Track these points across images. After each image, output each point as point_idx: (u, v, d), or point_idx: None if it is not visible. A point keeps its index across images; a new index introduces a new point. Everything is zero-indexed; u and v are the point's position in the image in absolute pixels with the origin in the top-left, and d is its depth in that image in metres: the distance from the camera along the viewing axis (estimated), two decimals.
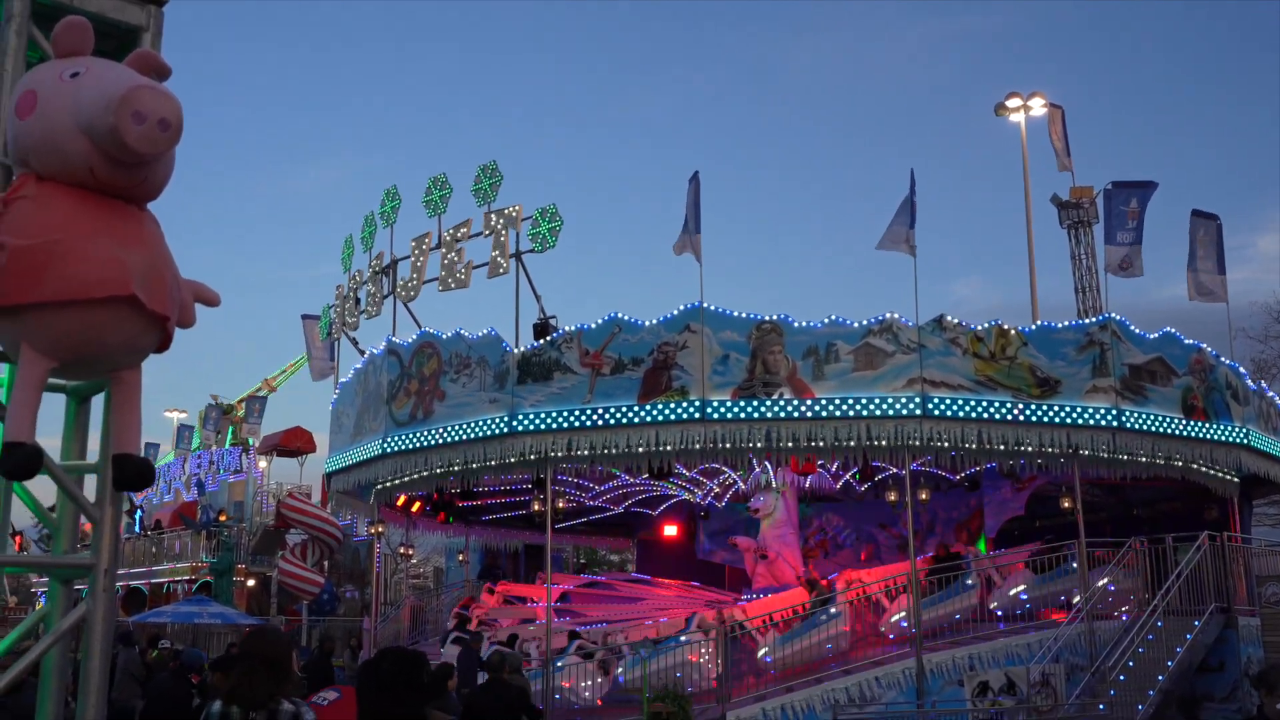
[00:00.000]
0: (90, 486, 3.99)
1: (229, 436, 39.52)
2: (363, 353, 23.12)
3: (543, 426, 18.32)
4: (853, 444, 17.07)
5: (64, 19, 3.73)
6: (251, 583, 30.15)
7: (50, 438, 4.29)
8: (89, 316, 3.52)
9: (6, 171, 3.82)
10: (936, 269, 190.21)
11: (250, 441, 37.41)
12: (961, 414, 16.83)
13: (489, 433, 18.78)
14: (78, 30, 3.74)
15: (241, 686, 4.99)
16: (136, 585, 33.36)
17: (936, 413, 16.78)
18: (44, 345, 3.55)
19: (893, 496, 20.03)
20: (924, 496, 19.73)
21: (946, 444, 16.96)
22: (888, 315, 17.23)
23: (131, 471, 3.71)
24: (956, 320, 17.44)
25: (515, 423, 18.56)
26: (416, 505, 25.08)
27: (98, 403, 4.13)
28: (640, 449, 17.90)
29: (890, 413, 16.86)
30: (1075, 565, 17.58)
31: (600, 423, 17.95)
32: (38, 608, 3.81)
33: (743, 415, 17.36)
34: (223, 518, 33.11)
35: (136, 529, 37.69)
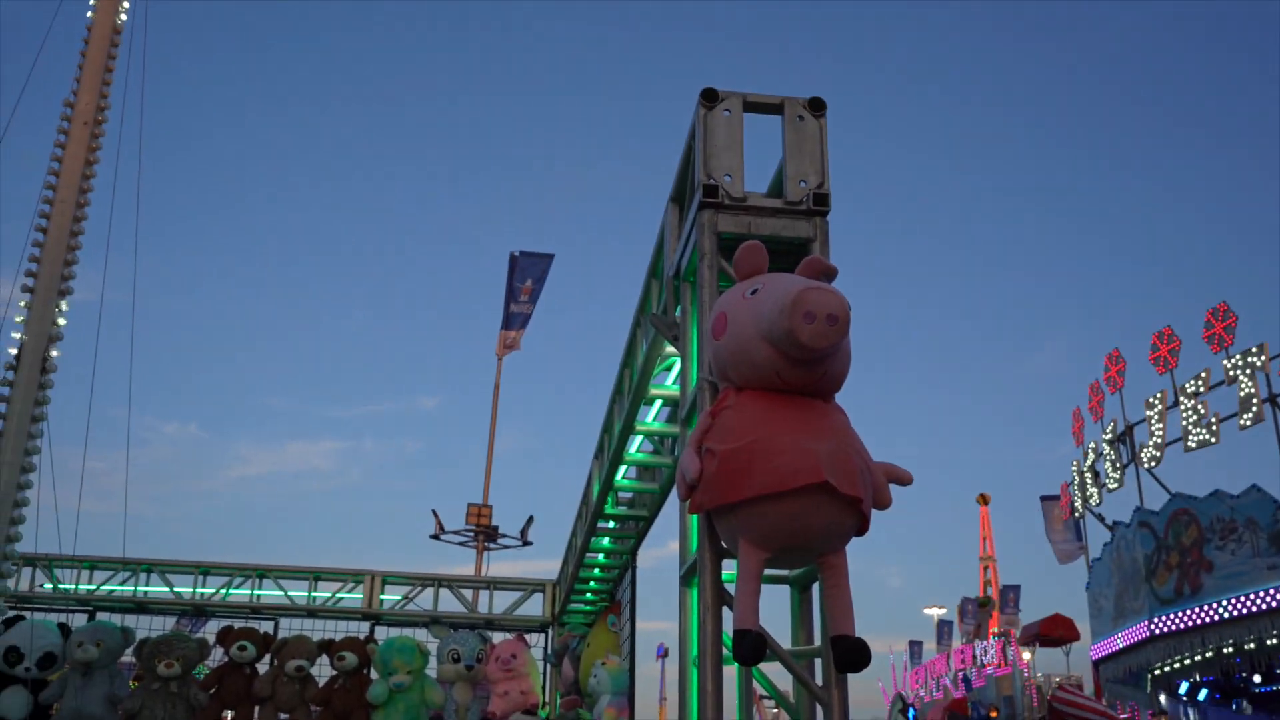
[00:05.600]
0: (819, 670, 4.19)
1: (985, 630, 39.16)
2: (1111, 528, 21.88)
3: None
4: None
5: (742, 245, 4.22)
6: None
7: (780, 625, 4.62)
8: (790, 506, 3.78)
9: (713, 388, 4.33)
10: None
11: (1011, 633, 36.71)
12: None
13: (1274, 604, 16.53)
14: (754, 252, 4.21)
15: None
16: None
17: None
18: (756, 537, 3.88)
19: None
20: None
21: None
22: None
23: (846, 650, 3.83)
24: None
25: None
26: (1204, 692, 22.50)
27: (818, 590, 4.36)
28: None
29: None
30: None
31: None
32: None
33: None
34: (993, 715, 32.44)
35: None
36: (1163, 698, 21.72)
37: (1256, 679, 19.86)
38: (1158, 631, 18.76)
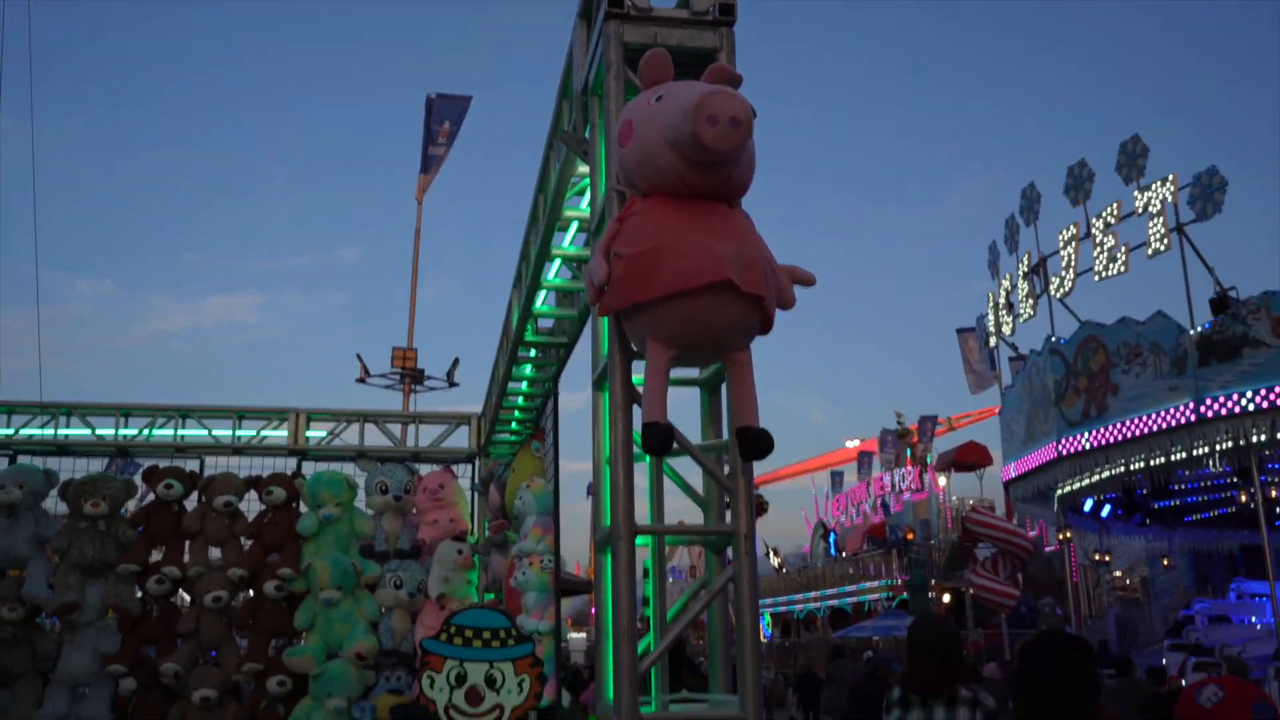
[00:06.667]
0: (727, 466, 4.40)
1: (907, 457, 40.65)
2: (1023, 358, 22.62)
3: (1237, 410, 16.54)
4: None
5: (646, 54, 4.22)
6: (946, 598, 30.57)
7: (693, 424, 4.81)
8: (694, 304, 3.91)
9: (620, 196, 4.39)
10: None
11: (928, 460, 38.18)
12: None
13: (1173, 423, 17.37)
14: (658, 61, 4.21)
15: (914, 674, 5.11)
16: (840, 605, 35.50)
17: None
18: (662, 335, 4.01)
19: None
20: None
21: None
22: None
23: (750, 440, 4.03)
24: None
25: (1203, 409, 16.97)
26: (1107, 509, 23.76)
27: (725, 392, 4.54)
28: None
29: None
30: None
31: None
32: None
33: None
34: (910, 536, 34.09)
35: (833, 552, 40.14)
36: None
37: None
38: (1065, 452, 19.64)
